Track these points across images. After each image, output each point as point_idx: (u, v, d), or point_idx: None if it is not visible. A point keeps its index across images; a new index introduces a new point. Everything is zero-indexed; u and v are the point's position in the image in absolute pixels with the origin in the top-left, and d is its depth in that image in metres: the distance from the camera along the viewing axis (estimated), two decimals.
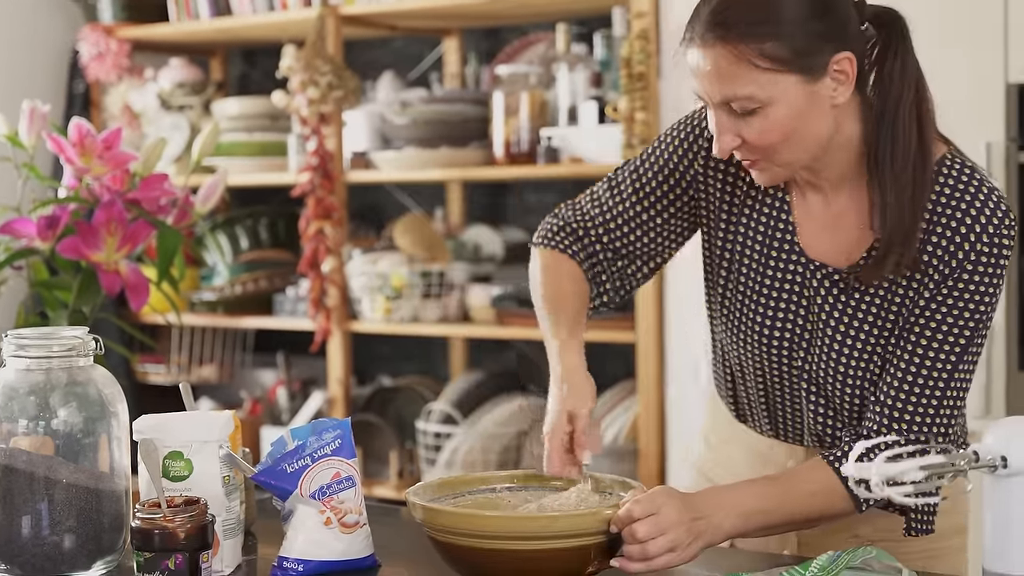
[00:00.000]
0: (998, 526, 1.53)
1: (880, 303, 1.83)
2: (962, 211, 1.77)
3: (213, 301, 4.61)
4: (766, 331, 1.91)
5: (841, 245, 1.86)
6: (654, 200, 1.98)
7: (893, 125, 1.79)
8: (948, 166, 1.81)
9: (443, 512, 1.70)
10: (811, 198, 1.88)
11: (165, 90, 4.75)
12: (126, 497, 1.77)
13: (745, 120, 1.74)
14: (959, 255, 1.76)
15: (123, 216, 2.22)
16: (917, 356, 1.79)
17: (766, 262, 1.90)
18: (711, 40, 1.71)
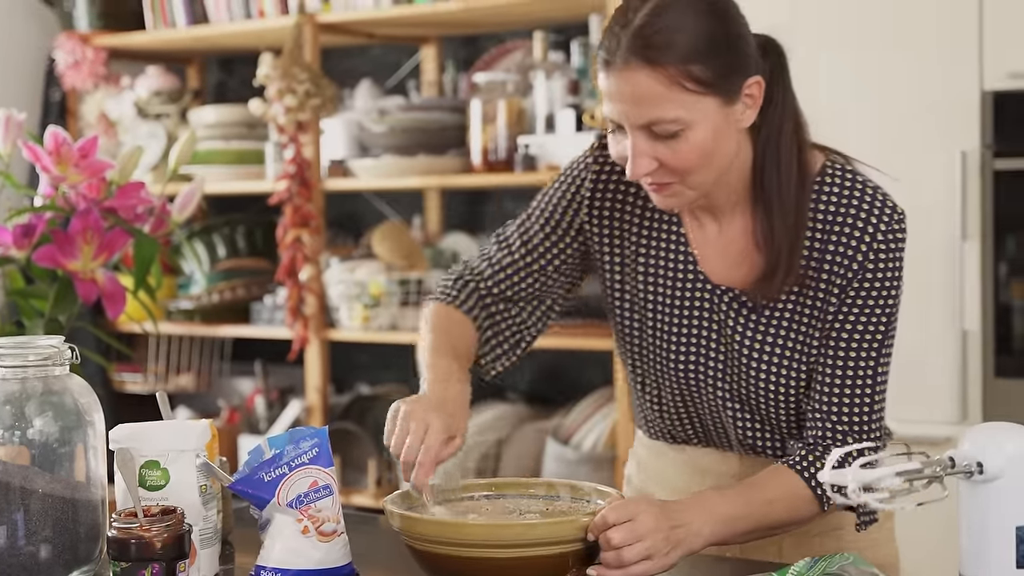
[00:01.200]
0: (974, 531, 1.54)
1: (791, 316, 1.88)
2: (852, 215, 1.84)
3: (190, 310, 4.60)
4: (681, 360, 1.95)
5: (741, 267, 1.91)
6: (543, 251, 2.01)
7: (777, 151, 1.84)
8: (831, 174, 1.87)
9: (421, 520, 1.70)
10: (707, 226, 1.93)
11: (142, 98, 4.74)
12: (102, 507, 1.76)
13: (664, 143, 1.76)
14: (859, 257, 1.83)
15: (99, 225, 2.22)
16: (840, 360, 1.85)
17: (673, 294, 1.95)
18: (637, 64, 1.72)
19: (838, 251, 1.84)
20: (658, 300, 1.96)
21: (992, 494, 1.52)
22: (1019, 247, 3.17)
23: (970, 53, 3.16)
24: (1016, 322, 3.18)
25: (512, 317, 2.05)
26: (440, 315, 2.02)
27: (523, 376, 4.51)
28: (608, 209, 1.98)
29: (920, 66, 3.24)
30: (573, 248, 2.01)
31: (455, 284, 2.05)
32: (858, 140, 3.30)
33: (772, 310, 1.88)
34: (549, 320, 2.07)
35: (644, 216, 1.97)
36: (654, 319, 1.97)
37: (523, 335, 2.06)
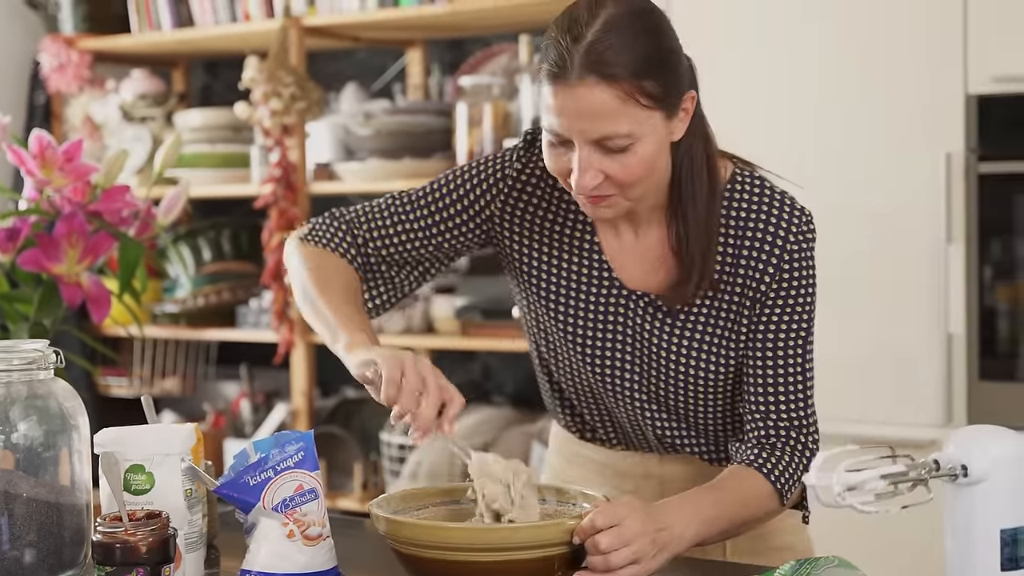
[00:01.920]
0: (959, 534, 1.54)
1: (705, 320, 1.92)
2: (763, 221, 1.88)
3: (175, 313, 4.59)
4: (597, 363, 1.97)
5: (657, 272, 1.94)
6: (443, 228, 2.00)
7: (691, 163, 1.87)
8: (739, 182, 1.91)
9: (406, 524, 1.70)
10: (624, 234, 1.95)
11: (127, 101, 4.74)
12: (87, 511, 1.76)
13: (612, 157, 1.76)
14: (773, 260, 1.87)
15: (84, 228, 2.21)
16: (768, 360, 1.90)
17: (588, 300, 1.96)
18: (591, 80, 1.72)
19: (751, 255, 1.88)
20: (570, 306, 1.98)
21: (977, 497, 1.52)
22: (1003, 250, 3.18)
23: (955, 57, 3.17)
24: (1001, 325, 3.19)
25: (390, 279, 2.05)
26: (320, 257, 2.00)
27: (509, 379, 4.51)
28: (523, 208, 1.98)
29: (905, 70, 3.24)
30: (475, 233, 2.01)
31: (335, 229, 2.03)
32: (844, 144, 3.32)
33: (687, 314, 1.92)
34: (423, 283, 2.08)
35: (558, 222, 1.98)
36: (568, 324, 1.98)
37: (394, 294, 2.07)
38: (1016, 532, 1.53)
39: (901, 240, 3.25)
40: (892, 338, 3.27)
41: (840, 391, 3.23)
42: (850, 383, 3.28)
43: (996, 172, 3.15)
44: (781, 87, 3.39)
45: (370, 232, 2.02)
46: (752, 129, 3.41)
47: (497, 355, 4.50)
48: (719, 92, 3.41)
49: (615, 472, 2.07)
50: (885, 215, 3.26)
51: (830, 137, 3.33)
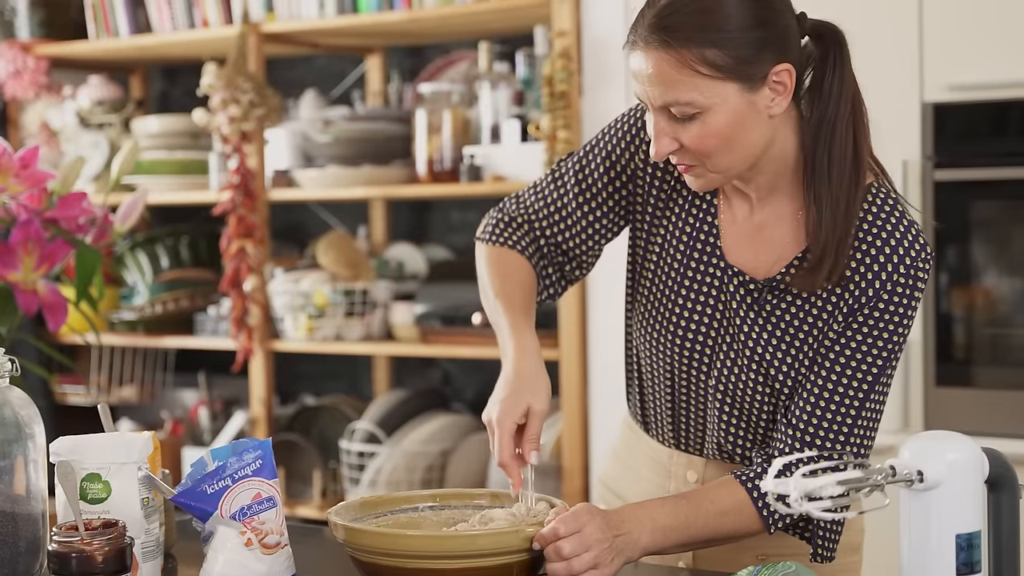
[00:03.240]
0: (915, 540, 1.55)
1: (791, 320, 1.86)
2: (883, 240, 1.80)
3: (133, 321, 4.57)
4: (679, 331, 1.93)
5: (760, 256, 1.89)
6: (596, 191, 1.99)
7: (831, 139, 1.82)
8: (874, 195, 1.84)
9: (366, 532, 1.70)
10: (737, 206, 1.91)
11: (84, 108, 4.71)
12: (43, 520, 1.75)
13: (684, 125, 1.76)
14: (876, 284, 1.80)
15: (41, 235, 2.20)
16: (831, 382, 1.82)
17: (687, 262, 1.93)
18: (654, 44, 1.73)
19: (859, 270, 1.81)
20: (669, 263, 1.94)
21: (932, 502, 1.53)
22: (959, 257, 3.20)
23: (911, 65, 3.19)
24: (957, 331, 3.21)
25: (560, 264, 2.05)
26: (500, 259, 2.01)
27: (469, 386, 4.51)
28: (660, 163, 1.94)
29: (861, 78, 3.25)
30: (624, 192, 1.98)
31: (509, 225, 2.04)
32: None
33: (774, 307, 1.86)
34: (587, 269, 2.06)
35: (685, 185, 1.94)
36: (665, 283, 1.95)
37: (563, 280, 2.06)
38: (971, 537, 1.54)
39: None
40: None
41: None
42: None
43: (952, 179, 3.18)
44: None
45: (532, 217, 2.02)
46: None
47: (457, 362, 4.50)
48: None
49: (663, 471, 2.03)
50: None
51: None
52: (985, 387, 3.19)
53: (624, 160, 1.97)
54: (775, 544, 1.95)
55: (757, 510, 1.83)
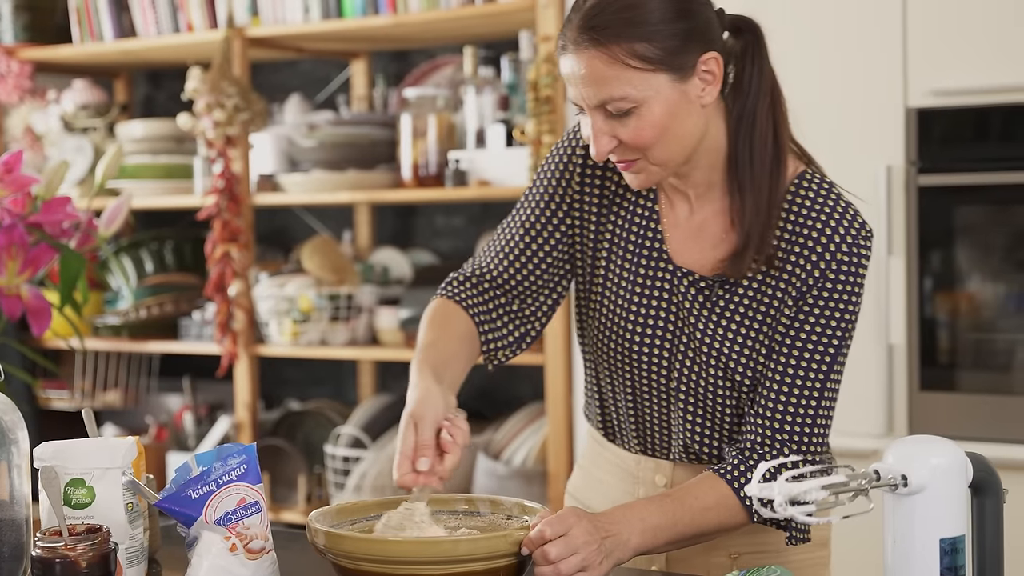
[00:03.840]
0: (899, 544, 1.56)
1: (744, 311, 1.90)
2: (822, 223, 1.86)
3: (117, 325, 4.56)
4: (636, 337, 1.96)
5: (706, 253, 1.93)
6: (538, 230, 2.02)
7: (751, 130, 1.88)
8: (808, 180, 1.90)
9: (348, 538, 1.69)
10: (678, 207, 1.96)
11: (68, 112, 4.70)
12: (27, 526, 1.74)
13: (621, 121, 1.80)
14: (821, 265, 1.85)
15: (25, 240, 2.19)
16: (791, 367, 1.86)
17: (636, 269, 1.96)
18: (584, 44, 1.78)
19: (802, 255, 1.86)
20: (619, 274, 1.98)
21: (916, 506, 1.54)
22: (943, 262, 3.21)
23: (894, 71, 3.20)
24: (941, 336, 3.22)
25: (519, 311, 2.05)
26: (437, 310, 2.02)
27: None
28: (597, 176, 2.00)
29: (845, 83, 3.27)
30: (567, 223, 2.02)
31: (464, 283, 2.05)
32: None
33: (727, 302, 1.90)
34: (548, 314, 2.07)
35: (624, 195, 1.99)
36: (616, 292, 1.98)
37: (528, 330, 2.06)
38: (955, 542, 1.54)
39: None
40: None
41: None
42: None
43: (935, 184, 3.19)
44: None
45: (486, 269, 2.04)
46: None
47: None
48: None
49: (630, 477, 2.05)
50: None
51: None
52: (969, 391, 3.19)
53: (561, 190, 2.01)
54: (747, 542, 1.97)
55: (739, 501, 1.85)
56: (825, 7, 3.30)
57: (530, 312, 2.06)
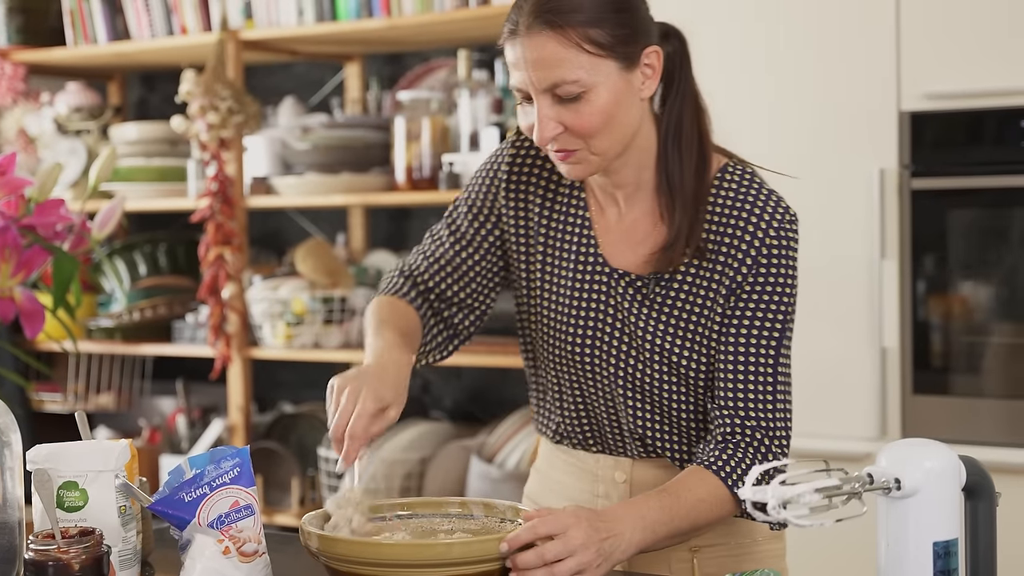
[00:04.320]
0: (892, 547, 1.56)
1: (683, 305, 1.94)
2: (747, 212, 1.92)
3: (111, 328, 4.55)
4: (579, 341, 2.00)
5: (638, 252, 1.98)
6: (466, 242, 2.07)
7: (679, 131, 1.94)
8: (730, 173, 1.96)
9: (340, 541, 1.69)
10: (608, 211, 2.01)
11: (62, 114, 4.70)
12: (19, 528, 1.74)
13: (567, 107, 1.84)
14: (752, 252, 1.90)
15: (18, 242, 2.19)
16: (740, 356, 1.91)
17: (573, 276, 2.00)
18: (539, 28, 1.82)
19: (732, 244, 1.91)
20: (557, 282, 2.02)
21: (910, 510, 1.54)
22: (936, 265, 3.22)
23: (888, 74, 3.20)
24: (934, 339, 3.22)
25: (448, 318, 2.10)
26: (384, 303, 2.04)
27: (448, 394, 4.50)
28: (522, 191, 2.05)
29: (839, 87, 3.28)
30: (495, 236, 2.06)
31: (397, 279, 2.09)
32: (777, 159, 3.34)
33: (664, 299, 1.95)
34: (478, 326, 2.11)
35: (553, 198, 2.04)
36: (554, 301, 2.02)
37: (454, 335, 2.11)
38: (948, 545, 1.54)
39: (836, 255, 3.27)
40: (827, 352, 3.30)
41: None
42: None
43: (929, 188, 3.19)
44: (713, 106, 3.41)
45: (419, 270, 2.08)
46: None
47: (436, 370, 4.49)
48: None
49: (589, 475, 2.06)
50: (820, 231, 3.29)
51: (765, 154, 3.35)
52: (962, 395, 3.20)
53: (488, 205, 2.06)
54: (706, 536, 1.98)
55: (728, 490, 1.87)
56: (819, 11, 3.30)
57: (457, 322, 2.10)
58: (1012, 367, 3.17)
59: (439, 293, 2.08)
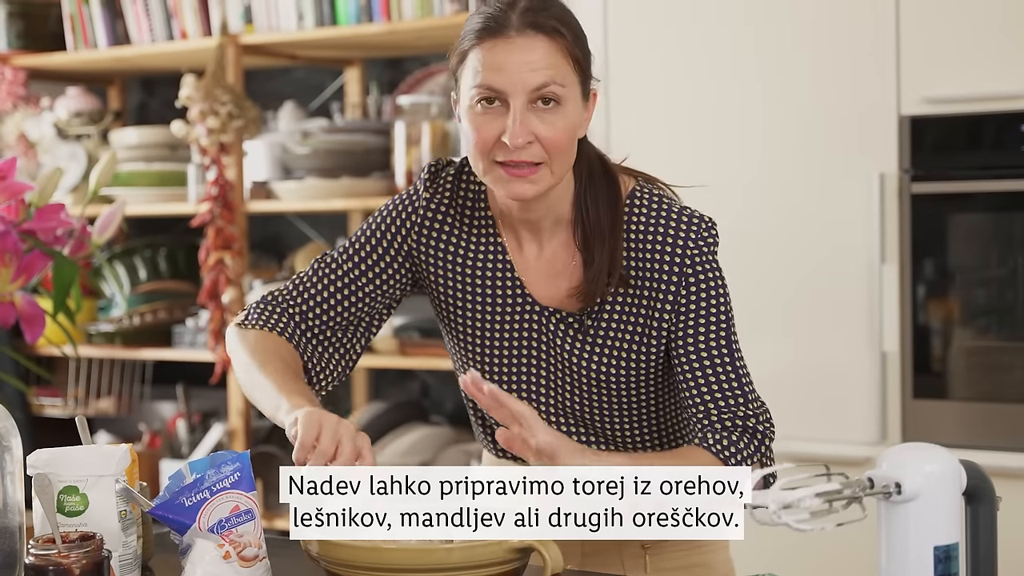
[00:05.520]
0: (893, 552, 1.56)
1: (616, 334, 1.95)
2: (662, 233, 1.92)
3: (111, 332, 4.55)
4: (514, 383, 2.01)
5: (560, 287, 1.98)
6: (370, 275, 2.04)
7: (589, 170, 1.96)
8: (639, 195, 1.96)
9: (340, 545, 1.69)
10: (526, 248, 2.00)
11: (62, 119, 4.70)
12: (20, 533, 1.74)
13: (542, 117, 1.84)
14: (676, 270, 1.91)
15: (18, 247, 2.19)
16: (698, 361, 1.92)
17: (504, 317, 2.00)
18: (532, 32, 1.83)
19: (655, 268, 1.92)
20: (486, 326, 2.01)
21: (910, 514, 1.54)
22: (936, 270, 3.22)
23: (888, 79, 3.20)
24: (934, 343, 3.22)
25: (337, 341, 2.06)
26: (260, 339, 2.00)
27: (448, 398, 4.50)
28: (437, 236, 2.02)
29: (839, 91, 3.28)
30: (401, 274, 2.05)
31: (270, 311, 2.04)
32: (778, 164, 3.35)
33: (598, 329, 1.95)
34: (370, 339, 2.10)
35: (471, 244, 2.02)
36: (487, 344, 2.02)
37: (348, 359, 2.08)
38: (949, 549, 1.54)
39: (836, 260, 3.28)
40: (827, 356, 3.30)
41: (776, 409, 3.24)
42: (785, 401, 3.30)
43: (928, 192, 3.19)
44: (713, 109, 3.41)
45: (305, 303, 2.04)
46: (684, 151, 3.43)
47: (436, 373, 4.49)
48: (648, 114, 3.43)
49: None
50: (820, 235, 3.29)
51: (765, 158, 3.36)
52: (962, 399, 3.20)
53: (396, 244, 2.03)
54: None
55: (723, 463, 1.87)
56: (818, 15, 3.31)
57: (349, 341, 2.07)
58: (1012, 371, 3.17)
59: (329, 320, 2.03)
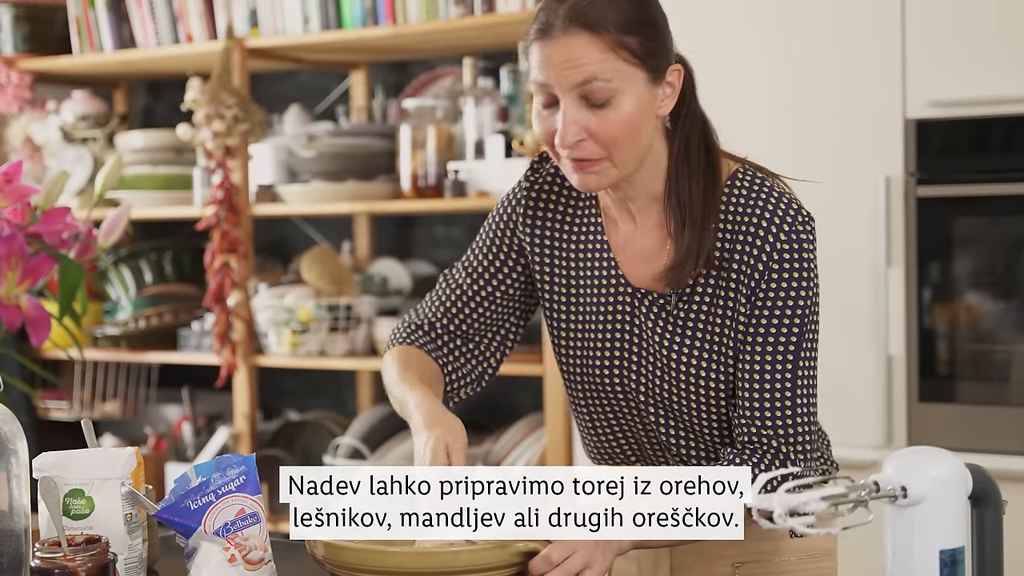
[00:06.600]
0: (898, 555, 1.55)
1: (706, 318, 1.92)
2: (758, 215, 1.89)
3: (116, 336, 4.55)
4: (607, 364, 2.00)
5: (655, 269, 1.96)
6: (488, 278, 2.07)
7: (687, 157, 1.93)
8: (740, 177, 1.93)
9: (347, 548, 1.69)
10: (622, 228, 1.99)
11: (68, 123, 4.70)
12: (25, 536, 1.74)
13: (594, 112, 1.83)
14: (763, 257, 1.87)
15: (24, 250, 2.19)
16: (757, 364, 1.88)
17: (597, 300, 1.99)
18: (575, 29, 1.81)
19: (744, 251, 1.88)
20: (582, 306, 2.01)
21: (916, 518, 1.54)
22: (942, 273, 3.21)
23: (893, 82, 3.20)
24: (940, 347, 3.22)
25: (470, 351, 2.10)
26: (400, 353, 2.05)
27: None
28: (540, 221, 2.03)
29: (844, 95, 3.28)
30: (518, 271, 2.06)
31: (406, 329, 2.10)
32: (782, 166, 3.34)
33: (687, 312, 1.92)
34: (508, 347, 2.12)
35: (572, 224, 2.02)
36: (581, 326, 2.01)
37: (485, 367, 2.12)
38: (954, 553, 1.54)
39: (842, 263, 3.27)
40: (833, 360, 3.29)
41: None
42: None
43: (934, 196, 3.19)
44: (718, 112, 3.41)
45: (436, 315, 2.08)
46: None
47: None
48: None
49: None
50: (826, 238, 3.27)
51: (771, 161, 3.35)
52: (968, 403, 3.19)
53: (507, 242, 2.06)
54: (749, 551, 1.97)
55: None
56: (824, 18, 3.30)
57: (484, 349, 2.11)
58: (1019, 375, 3.17)
59: (461, 333, 2.08)
